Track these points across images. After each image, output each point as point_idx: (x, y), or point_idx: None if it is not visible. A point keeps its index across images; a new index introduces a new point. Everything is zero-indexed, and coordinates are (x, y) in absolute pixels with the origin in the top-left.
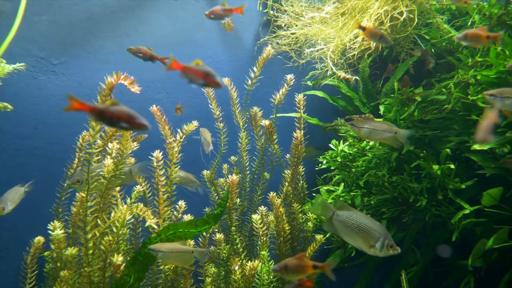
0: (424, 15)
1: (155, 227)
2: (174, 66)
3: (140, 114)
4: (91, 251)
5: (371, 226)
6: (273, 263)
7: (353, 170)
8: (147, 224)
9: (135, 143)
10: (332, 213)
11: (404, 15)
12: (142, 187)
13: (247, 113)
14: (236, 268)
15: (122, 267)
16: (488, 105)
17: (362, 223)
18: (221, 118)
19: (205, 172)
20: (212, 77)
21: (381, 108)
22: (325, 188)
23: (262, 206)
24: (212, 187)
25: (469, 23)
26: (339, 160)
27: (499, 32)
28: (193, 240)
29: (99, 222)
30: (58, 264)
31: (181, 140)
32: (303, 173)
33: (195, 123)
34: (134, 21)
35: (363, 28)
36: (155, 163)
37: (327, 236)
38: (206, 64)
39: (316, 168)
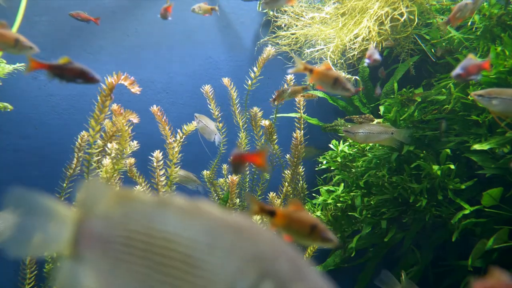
0: (424, 15)
1: None
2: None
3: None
4: None
5: None
6: None
7: (353, 170)
8: None
9: (135, 142)
10: None
11: (405, 16)
12: (142, 187)
13: (247, 113)
14: None
15: None
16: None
17: None
18: (220, 118)
19: (205, 172)
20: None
21: (381, 108)
22: (325, 188)
23: None
24: (211, 188)
25: (469, 23)
26: (339, 160)
27: None
28: None
29: None
30: (58, 264)
31: (181, 140)
32: (303, 173)
33: (194, 123)
34: (134, 21)
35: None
36: (155, 163)
37: None
38: (206, 64)
39: (316, 168)
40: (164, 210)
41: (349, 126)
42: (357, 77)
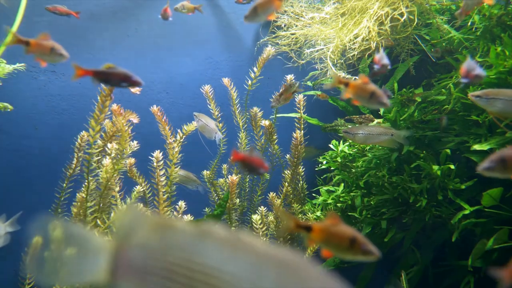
0: (424, 15)
1: None
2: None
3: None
4: None
5: None
6: None
7: (353, 170)
8: None
9: (135, 142)
10: None
11: (405, 16)
12: (142, 187)
13: (247, 113)
14: None
15: None
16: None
17: None
18: (220, 118)
19: (205, 172)
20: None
21: (381, 108)
22: (325, 188)
23: (262, 207)
24: (212, 188)
25: (469, 23)
26: (339, 160)
27: None
28: None
29: (98, 222)
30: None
31: (181, 140)
32: (303, 173)
33: (194, 123)
34: (134, 21)
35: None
36: (155, 163)
37: None
38: (206, 64)
39: (316, 169)
40: (205, 242)
41: (349, 126)
42: (357, 78)
